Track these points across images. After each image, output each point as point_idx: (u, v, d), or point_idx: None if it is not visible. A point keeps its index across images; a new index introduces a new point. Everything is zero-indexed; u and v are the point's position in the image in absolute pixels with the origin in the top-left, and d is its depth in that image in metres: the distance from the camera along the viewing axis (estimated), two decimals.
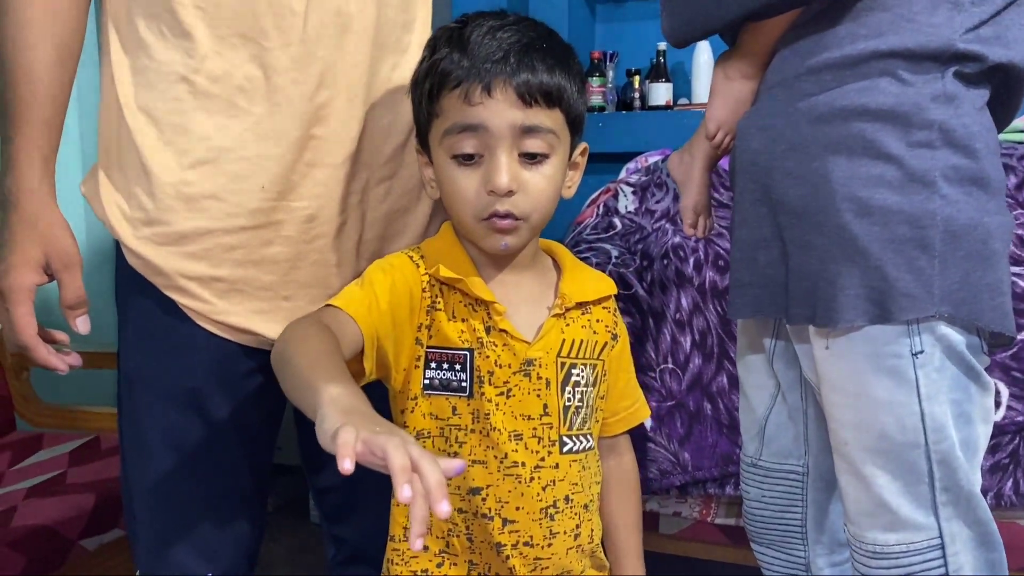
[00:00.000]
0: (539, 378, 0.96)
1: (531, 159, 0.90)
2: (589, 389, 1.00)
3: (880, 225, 0.95)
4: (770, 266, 1.04)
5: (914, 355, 0.97)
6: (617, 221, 2.08)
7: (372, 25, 1.02)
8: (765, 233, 1.04)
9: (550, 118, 0.90)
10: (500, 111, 0.88)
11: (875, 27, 0.97)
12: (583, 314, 1.00)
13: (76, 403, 2.03)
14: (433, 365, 0.95)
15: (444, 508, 0.60)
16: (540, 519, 0.97)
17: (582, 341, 0.99)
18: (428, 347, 0.95)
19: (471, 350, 0.94)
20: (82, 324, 0.99)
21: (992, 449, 1.49)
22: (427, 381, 0.95)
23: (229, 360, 1.03)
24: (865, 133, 0.96)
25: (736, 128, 1.10)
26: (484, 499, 0.95)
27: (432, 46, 0.94)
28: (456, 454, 0.95)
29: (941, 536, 1.00)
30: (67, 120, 0.99)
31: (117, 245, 1.02)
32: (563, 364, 0.97)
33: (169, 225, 0.98)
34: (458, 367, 0.95)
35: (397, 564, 1.00)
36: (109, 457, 1.81)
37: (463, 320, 0.95)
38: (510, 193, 0.89)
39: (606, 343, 1.02)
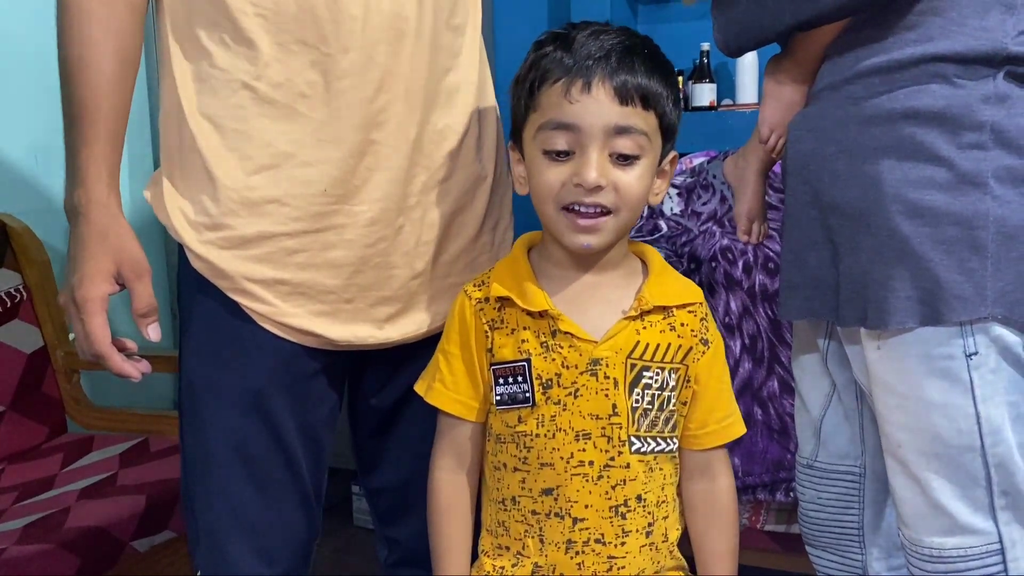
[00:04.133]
0: (606, 378, 0.97)
1: (622, 160, 0.92)
2: (665, 393, 1.00)
3: (931, 226, 0.95)
4: (820, 268, 1.04)
5: (968, 356, 0.96)
6: (663, 223, 2.06)
7: (429, 29, 1.02)
8: (815, 235, 1.04)
9: (644, 120, 0.92)
10: (596, 109, 0.90)
11: (925, 32, 0.96)
12: (664, 318, 1.00)
13: (126, 405, 2.06)
14: (500, 381, 0.99)
15: None
16: (611, 517, 0.98)
17: (658, 344, 0.99)
18: (492, 365, 1.00)
19: (527, 360, 0.97)
20: (153, 331, 1.00)
21: None
22: (498, 397, 1.00)
23: (292, 361, 1.04)
24: (915, 135, 0.96)
25: (787, 130, 1.10)
26: (556, 499, 0.98)
27: (538, 45, 0.96)
28: (526, 459, 0.98)
29: (1000, 540, 0.99)
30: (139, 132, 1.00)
31: (180, 249, 1.03)
32: (633, 366, 0.97)
33: (233, 229, 0.99)
34: (520, 379, 0.98)
35: (488, 555, 1.04)
36: (158, 459, 1.83)
37: (524, 328, 0.98)
38: (598, 189, 0.91)
39: (692, 347, 1.01)
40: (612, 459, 0.97)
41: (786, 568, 1.73)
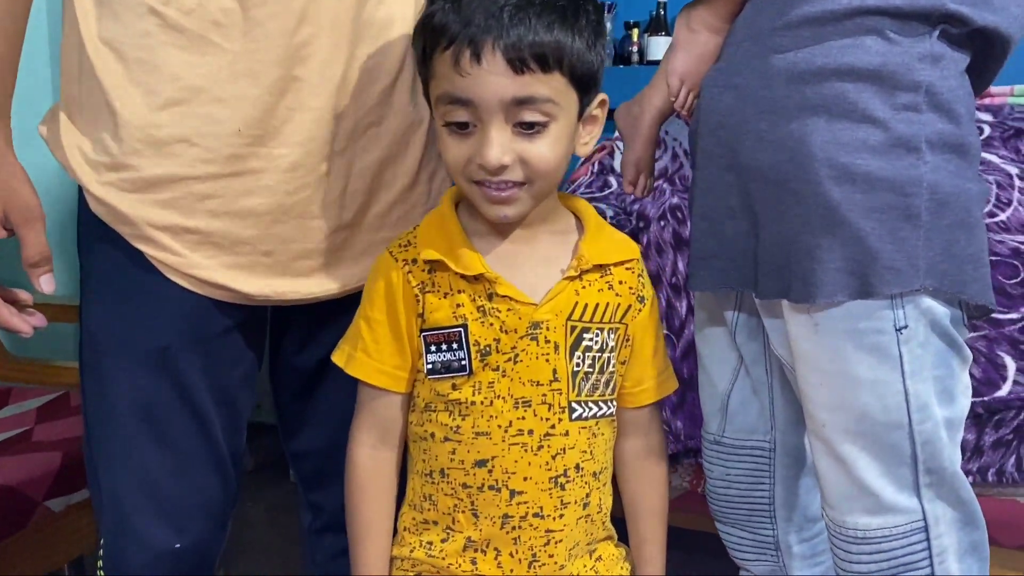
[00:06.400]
0: (547, 342, 0.92)
1: (528, 128, 0.85)
2: (605, 355, 0.96)
3: (863, 192, 0.90)
4: (738, 237, 0.99)
5: (898, 330, 0.93)
6: (613, 180, 2.01)
7: None
8: (732, 202, 0.98)
9: (547, 85, 0.84)
10: (489, 83, 0.82)
11: None
12: (602, 276, 0.96)
13: (46, 357, 1.96)
14: (432, 348, 0.93)
15: None
16: (550, 488, 0.94)
17: (597, 304, 0.95)
18: (422, 331, 0.93)
19: (464, 326, 0.92)
20: (46, 283, 0.93)
21: (996, 425, 1.45)
22: (429, 366, 0.93)
23: (202, 317, 0.96)
24: (848, 94, 0.90)
25: (700, 85, 1.03)
26: (491, 471, 0.93)
27: None
28: (459, 428, 0.93)
29: (924, 518, 0.97)
30: (38, 59, 0.91)
31: (80, 191, 0.95)
32: (573, 328, 0.93)
33: (136, 170, 0.91)
34: (455, 346, 0.92)
35: (410, 531, 1.00)
36: (79, 414, 1.72)
37: (459, 292, 0.92)
38: (502, 168, 0.85)
39: (630, 306, 0.97)
40: (552, 427, 0.93)
41: None
